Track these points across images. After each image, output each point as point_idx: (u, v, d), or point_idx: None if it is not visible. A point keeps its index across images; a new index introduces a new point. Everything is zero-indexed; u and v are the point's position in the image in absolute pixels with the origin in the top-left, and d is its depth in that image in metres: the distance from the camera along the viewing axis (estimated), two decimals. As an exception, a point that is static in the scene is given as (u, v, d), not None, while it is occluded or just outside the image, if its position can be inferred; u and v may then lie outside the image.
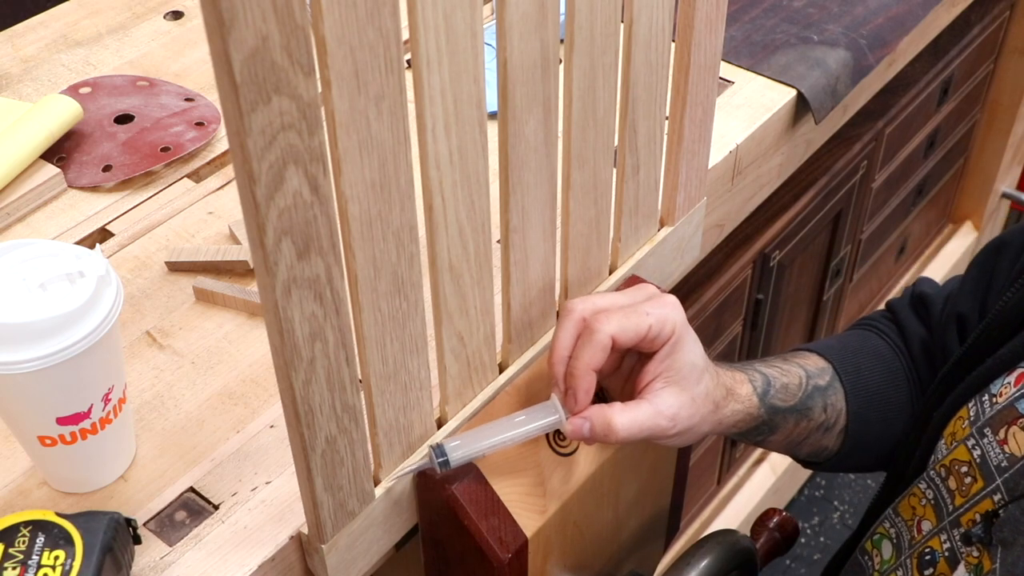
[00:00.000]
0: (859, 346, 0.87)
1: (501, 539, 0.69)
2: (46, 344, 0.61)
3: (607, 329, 0.66)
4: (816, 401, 0.81)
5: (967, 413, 0.75)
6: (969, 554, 0.71)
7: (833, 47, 1.10)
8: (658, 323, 0.67)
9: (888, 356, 0.87)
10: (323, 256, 0.53)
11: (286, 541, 0.67)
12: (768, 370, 0.79)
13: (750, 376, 0.78)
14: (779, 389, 0.78)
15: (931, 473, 0.76)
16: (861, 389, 0.83)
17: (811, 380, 0.81)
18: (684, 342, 0.68)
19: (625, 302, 0.68)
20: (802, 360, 0.83)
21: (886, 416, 0.85)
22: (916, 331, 0.87)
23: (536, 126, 0.65)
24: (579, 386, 0.66)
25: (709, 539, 0.85)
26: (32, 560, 0.60)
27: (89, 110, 0.97)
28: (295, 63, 0.46)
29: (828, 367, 0.83)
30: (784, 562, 1.76)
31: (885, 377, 0.85)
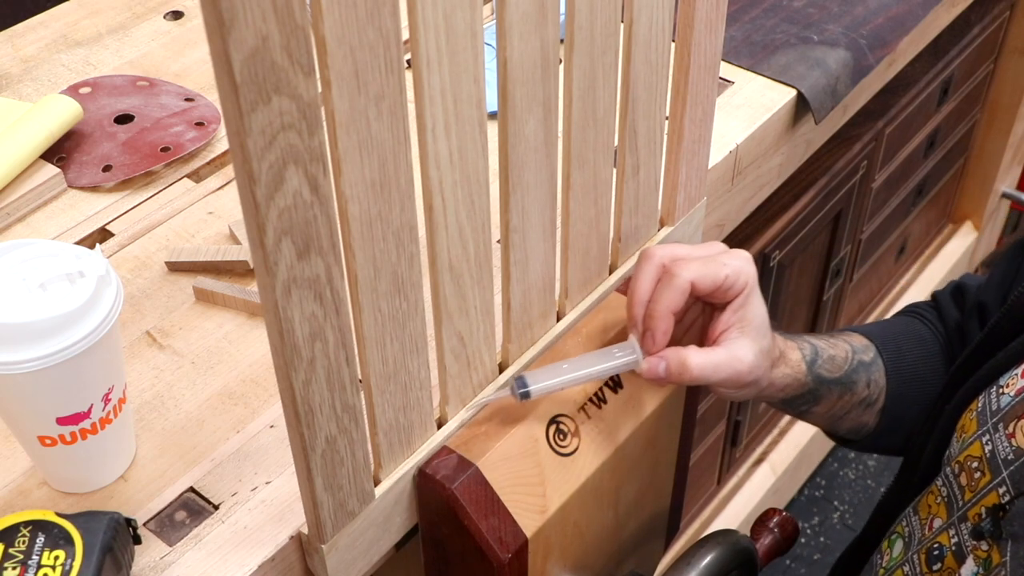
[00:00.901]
0: (902, 330, 0.89)
1: (501, 539, 0.69)
2: (46, 344, 0.61)
3: (686, 275, 0.68)
4: (860, 376, 0.83)
5: (976, 406, 0.75)
6: (978, 548, 0.70)
7: (833, 47, 1.10)
8: (734, 273, 0.70)
9: (928, 340, 0.89)
10: (323, 256, 0.53)
11: (286, 541, 0.67)
12: (816, 341, 0.82)
13: (799, 344, 0.80)
14: (826, 360, 0.81)
15: (947, 470, 0.76)
16: (901, 369, 0.86)
17: (856, 355, 0.84)
18: (755, 295, 0.71)
19: (702, 252, 0.71)
20: (847, 337, 0.85)
21: (922, 397, 0.86)
22: (953, 316, 0.89)
23: (536, 126, 0.65)
24: (658, 327, 0.69)
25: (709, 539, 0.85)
26: (32, 560, 0.60)
27: (89, 110, 0.97)
28: (295, 63, 0.46)
29: (872, 346, 0.86)
30: (784, 562, 1.76)
31: (924, 360, 0.87)
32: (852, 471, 1.90)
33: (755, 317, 0.71)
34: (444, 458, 0.70)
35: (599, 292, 0.81)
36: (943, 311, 0.91)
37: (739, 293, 0.70)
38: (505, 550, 0.69)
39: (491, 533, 0.69)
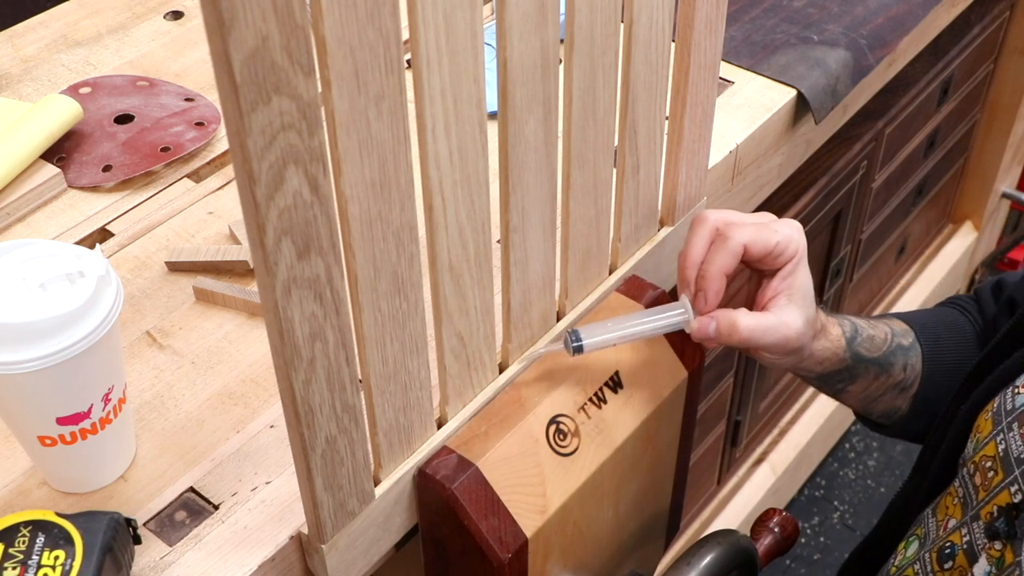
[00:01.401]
0: (941, 319, 0.90)
1: (501, 539, 0.69)
2: (46, 344, 0.61)
3: (739, 238, 0.70)
4: (898, 358, 0.84)
5: (992, 407, 0.75)
6: (991, 547, 0.70)
7: (833, 47, 1.10)
8: (785, 240, 0.71)
9: (967, 331, 0.89)
10: (323, 256, 0.53)
11: (286, 541, 0.67)
12: (856, 320, 0.83)
13: (840, 321, 0.81)
14: (865, 339, 0.81)
15: (963, 471, 0.76)
16: (938, 357, 0.86)
17: (896, 338, 0.84)
18: (803, 264, 0.72)
19: (754, 219, 0.72)
20: (888, 321, 0.86)
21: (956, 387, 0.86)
22: (991, 310, 0.90)
23: (536, 126, 0.65)
24: (710, 287, 0.70)
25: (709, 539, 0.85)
26: (32, 560, 0.60)
27: (89, 110, 0.97)
28: (295, 63, 0.46)
29: (911, 331, 0.86)
30: (784, 562, 1.76)
31: (961, 349, 0.88)
32: (852, 471, 1.90)
33: (802, 285, 0.72)
34: (444, 458, 0.70)
35: (599, 292, 0.81)
36: (983, 304, 0.91)
37: (789, 260, 0.71)
38: (505, 550, 0.69)
39: (491, 533, 0.69)
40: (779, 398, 1.57)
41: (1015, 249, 2.07)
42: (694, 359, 0.83)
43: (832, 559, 1.77)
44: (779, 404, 1.59)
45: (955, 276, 1.94)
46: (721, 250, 0.70)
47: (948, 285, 1.93)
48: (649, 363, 0.80)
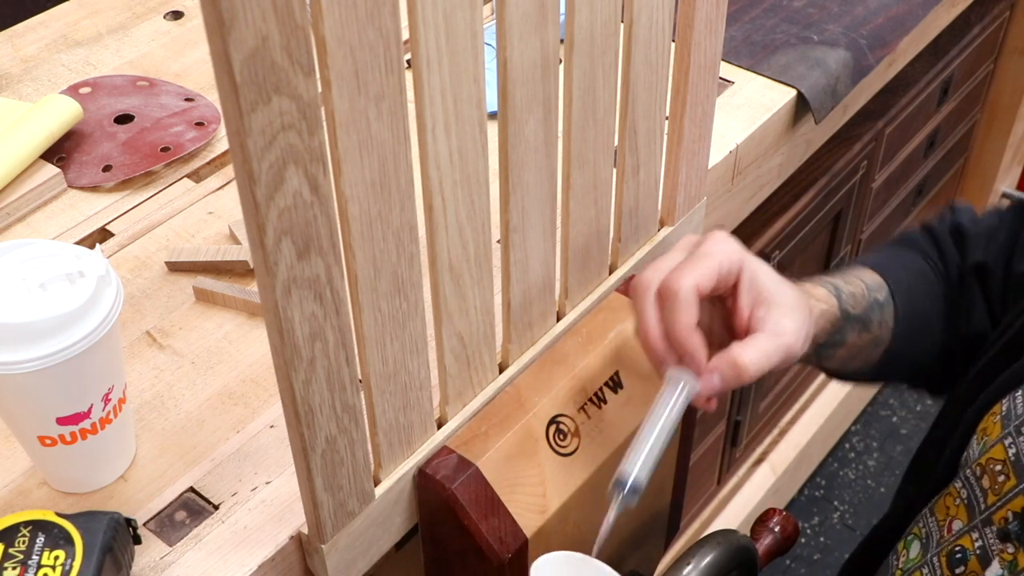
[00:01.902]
0: (911, 268, 0.87)
1: (501, 539, 0.69)
2: (46, 344, 0.61)
3: (687, 284, 0.64)
4: (875, 314, 0.82)
5: (1000, 409, 0.74)
6: (1004, 551, 0.70)
7: (833, 47, 1.10)
8: (725, 257, 0.66)
9: (933, 282, 0.87)
10: (323, 256, 0.53)
11: (286, 541, 0.67)
12: (833, 279, 0.80)
13: (819, 282, 0.78)
14: (848, 295, 0.79)
15: (966, 472, 0.75)
16: (909, 310, 0.84)
17: (871, 293, 0.82)
18: (755, 264, 0.68)
19: (681, 256, 0.68)
20: (859, 274, 0.83)
21: (924, 338, 0.86)
22: (954, 260, 0.88)
23: (536, 126, 0.65)
24: (689, 348, 0.65)
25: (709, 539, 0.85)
26: (32, 560, 0.60)
27: (89, 110, 0.97)
28: (295, 63, 0.46)
29: (884, 285, 0.84)
30: (784, 562, 1.76)
31: (931, 301, 0.86)
32: (852, 471, 1.90)
33: (769, 284, 0.68)
34: (444, 458, 0.70)
35: (599, 292, 0.81)
36: (944, 252, 0.88)
37: (740, 271, 0.67)
38: (505, 550, 0.69)
39: (491, 533, 0.69)
40: (779, 398, 1.58)
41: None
42: (694, 359, 0.83)
43: (832, 559, 1.77)
44: (779, 404, 1.59)
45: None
46: (677, 307, 0.65)
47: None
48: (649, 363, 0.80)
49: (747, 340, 0.66)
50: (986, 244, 0.87)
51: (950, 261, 0.88)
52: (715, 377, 0.65)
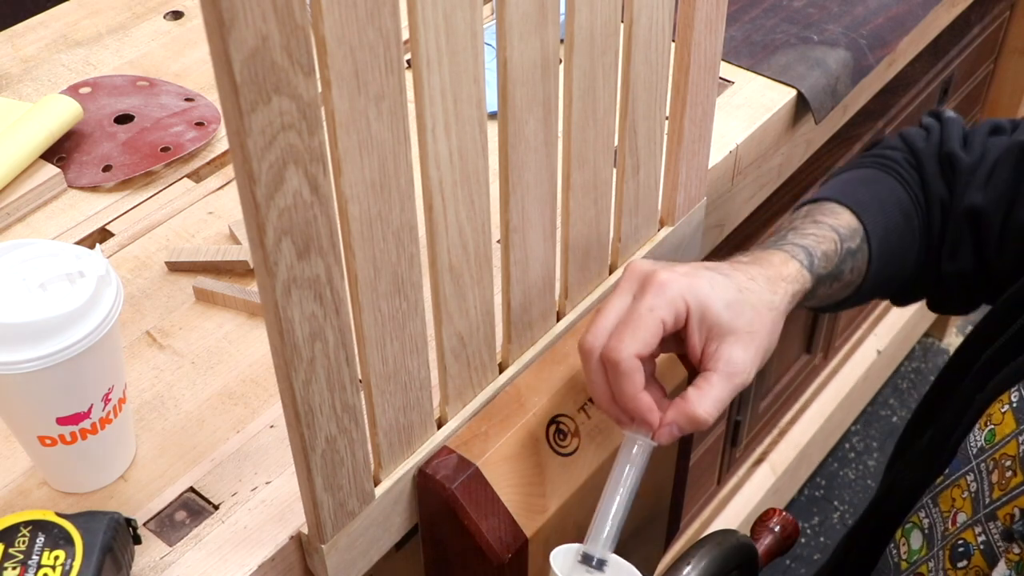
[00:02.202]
0: (887, 198, 0.84)
1: (501, 539, 0.69)
2: (46, 344, 0.61)
3: (627, 354, 0.64)
4: (847, 264, 0.80)
5: (1008, 399, 0.73)
6: (1009, 550, 0.69)
7: (833, 47, 1.10)
8: (669, 312, 0.65)
9: (910, 212, 0.84)
10: (323, 256, 0.53)
11: (286, 541, 0.67)
12: (805, 241, 0.77)
13: (791, 253, 0.76)
14: (820, 258, 0.77)
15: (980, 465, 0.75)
16: (885, 251, 0.82)
17: (844, 244, 0.80)
18: (703, 296, 0.66)
19: (623, 308, 0.66)
20: (834, 220, 0.80)
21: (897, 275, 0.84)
22: (939, 192, 0.84)
23: (536, 126, 0.65)
24: (640, 411, 0.65)
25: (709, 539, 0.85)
26: (32, 560, 0.60)
27: (89, 110, 0.97)
28: (295, 63, 0.46)
29: (859, 229, 0.81)
30: (784, 562, 1.76)
31: (907, 237, 0.84)
32: (852, 471, 1.91)
33: (721, 315, 0.66)
34: (444, 458, 0.70)
35: (599, 292, 0.81)
36: (928, 183, 0.84)
37: (687, 317, 0.66)
38: (505, 550, 0.69)
39: (491, 533, 0.69)
40: (779, 398, 1.58)
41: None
42: (694, 359, 0.83)
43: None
44: (779, 404, 1.59)
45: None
46: (620, 379, 0.64)
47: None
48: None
49: (700, 386, 0.66)
50: (985, 183, 0.82)
51: (934, 194, 0.84)
52: (671, 428, 0.66)
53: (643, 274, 0.67)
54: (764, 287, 0.71)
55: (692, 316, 0.66)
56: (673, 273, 0.67)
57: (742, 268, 0.71)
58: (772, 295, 0.71)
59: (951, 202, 0.84)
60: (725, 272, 0.69)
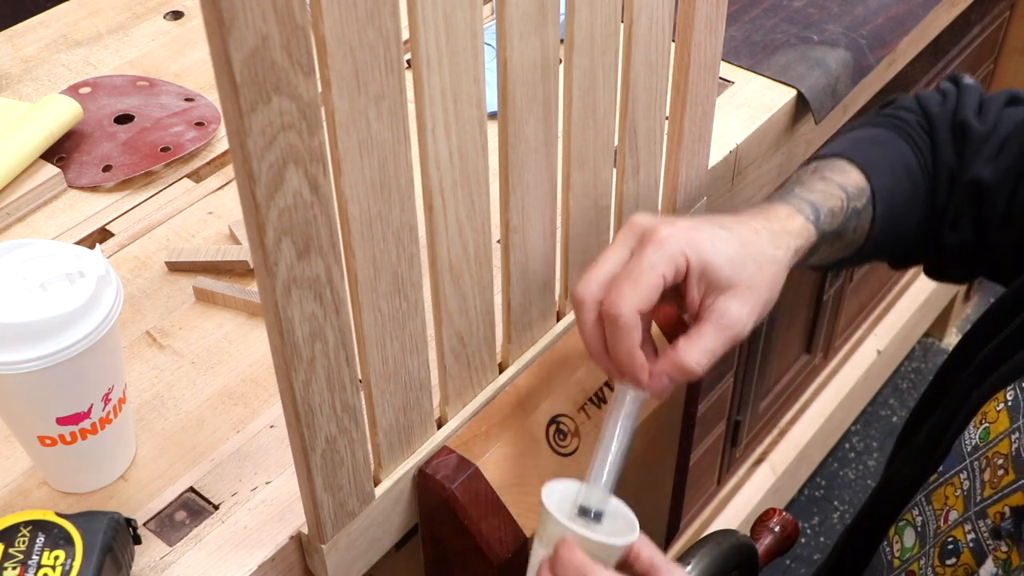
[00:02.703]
0: (896, 160, 0.82)
1: (501, 539, 0.69)
2: (46, 344, 0.61)
3: (627, 309, 0.63)
4: (851, 223, 0.79)
5: (1004, 397, 0.73)
6: (998, 548, 0.69)
7: (833, 47, 1.10)
8: (669, 268, 0.64)
9: (917, 177, 0.83)
10: (323, 256, 0.53)
11: (286, 541, 0.67)
12: (812, 196, 0.76)
13: (797, 207, 0.75)
14: (826, 214, 0.76)
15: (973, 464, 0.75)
16: (889, 214, 0.81)
17: (850, 202, 0.78)
18: (704, 250, 0.65)
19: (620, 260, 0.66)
20: (842, 178, 0.79)
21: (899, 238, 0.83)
22: (948, 160, 0.83)
23: (536, 126, 0.65)
24: (633, 367, 0.64)
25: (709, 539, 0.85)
26: (32, 560, 0.60)
27: (89, 110, 0.97)
28: (295, 63, 0.46)
29: (867, 189, 0.80)
30: (784, 562, 1.76)
31: (912, 202, 0.82)
32: (852, 471, 1.91)
33: (722, 268, 0.65)
34: (444, 458, 0.70)
35: (599, 292, 0.81)
36: (938, 149, 0.83)
37: (687, 271, 0.65)
38: (505, 550, 0.69)
39: (491, 533, 0.69)
40: (779, 398, 1.58)
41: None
42: (694, 359, 0.83)
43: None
44: (779, 404, 1.59)
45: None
46: (618, 334, 0.63)
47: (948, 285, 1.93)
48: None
49: (692, 335, 0.66)
50: (995, 156, 0.81)
51: (943, 162, 0.83)
52: (663, 380, 0.65)
53: (643, 228, 0.67)
54: (768, 241, 0.70)
55: (692, 271, 0.65)
56: (674, 228, 0.66)
57: (746, 222, 0.70)
58: (775, 249, 0.70)
59: (959, 171, 0.83)
60: (728, 226, 0.68)
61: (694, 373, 0.65)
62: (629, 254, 0.66)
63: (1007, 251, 0.81)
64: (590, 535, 0.61)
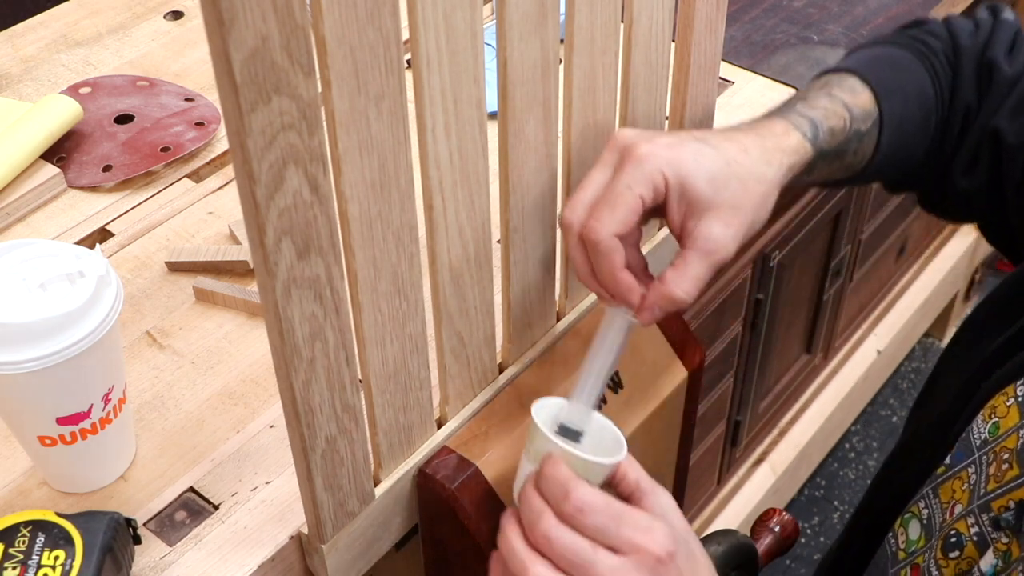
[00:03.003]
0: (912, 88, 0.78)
1: (501, 539, 0.69)
2: (46, 344, 0.61)
3: (605, 235, 0.63)
4: (852, 145, 0.76)
5: (1014, 391, 0.72)
6: (998, 540, 0.69)
7: (833, 47, 1.10)
8: (647, 188, 0.63)
9: (931, 109, 0.79)
10: (323, 256, 0.53)
11: (286, 541, 0.67)
12: (813, 112, 0.73)
13: (794, 123, 0.72)
14: (826, 133, 0.73)
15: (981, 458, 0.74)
16: (895, 142, 0.78)
17: (854, 124, 0.75)
18: (683, 175, 0.64)
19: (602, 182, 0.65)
20: (851, 98, 0.76)
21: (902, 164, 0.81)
22: (968, 99, 0.79)
23: (536, 126, 0.65)
24: (620, 291, 0.64)
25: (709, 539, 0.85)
26: (32, 560, 0.60)
27: (89, 110, 0.97)
28: (295, 63, 0.46)
29: (875, 113, 0.76)
30: (784, 562, 1.76)
31: (921, 133, 0.79)
32: (852, 471, 1.90)
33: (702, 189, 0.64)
34: (444, 458, 0.70)
35: (599, 292, 0.81)
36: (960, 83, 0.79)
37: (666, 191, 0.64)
38: (505, 550, 0.69)
39: (491, 533, 0.69)
40: (779, 398, 1.58)
41: (1015, 249, 2.06)
42: (694, 359, 0.83)
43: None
44: (779, 404, 1.59)
45: (955, 276, 1.94)
46: (600, 258, 0.63)
47: (948, 285, 1.93)
48: (649, 363, 0.80)
49: (677, 265, 0.65)
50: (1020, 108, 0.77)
51: (961, 98, 0.79)
52: (654, 311, 0.65)
53: (624, 146, 0.65)
54: (758, 159, 0.67)
55: (671, 191, 0.64)
56: (654, 145, 0.64)
57: (736, 139, 0.68)
58: (766, 167, 0.68)
59: (978, 113, 0.80)
60: (714, 143, 0.66)
61: (683, 303, 0.64)
62: (612, 173, 0.65)
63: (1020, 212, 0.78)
64: (576, 452, 0.61)
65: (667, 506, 0.63)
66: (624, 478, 0.63)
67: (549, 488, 0.60)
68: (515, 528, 0.61)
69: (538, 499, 0.60)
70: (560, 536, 0.58)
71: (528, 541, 0.60)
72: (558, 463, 0.60)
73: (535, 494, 0.61)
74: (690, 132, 0.67)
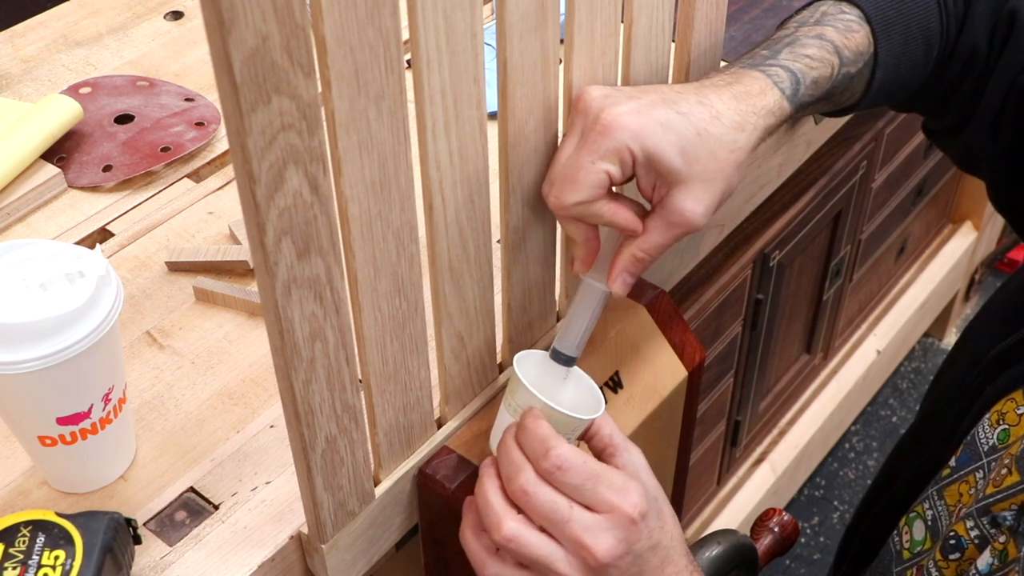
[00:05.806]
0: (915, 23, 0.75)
1: (501, 539, 0.69)
2: (46, 344, 0.61)
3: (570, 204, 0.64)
4: (840, 87, 0.73)
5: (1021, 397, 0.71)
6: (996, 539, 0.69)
7: (833, 47, 1.10)
8: (613, 163, 0.63)
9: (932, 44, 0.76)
10: (323, 256, 0.53)
11: (286, 541, 0.67)
12: (796, 64, 0.70)
13: (775, 79, 0.69)
14: (808, 85, 0.70)
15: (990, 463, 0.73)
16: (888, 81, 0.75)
17: (843, 68, 0.72)
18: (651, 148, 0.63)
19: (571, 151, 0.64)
20: (844, 39, 0.72)
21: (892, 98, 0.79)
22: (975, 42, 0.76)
23: (536, 126, 0.65)
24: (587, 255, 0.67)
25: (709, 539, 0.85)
26: (32, 560, 0.60)
27: (89, 110, 0.97)
28: (295, 63, 0.46)
29: (868, 54, 0.73)
30: (784, 562, 1.76)
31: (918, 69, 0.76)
32: (852, 471, 1.90)
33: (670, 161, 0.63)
34: (444, 458, 0.70)
35: (599, 292, 0.81)
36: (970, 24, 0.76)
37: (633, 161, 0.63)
38: (505, 550, 0.69)
39: (491, 533, 0.69)
40: (779, 398, 1.58)
41: (1015, 249, 2.07)
42: (694, 358, 0.83)
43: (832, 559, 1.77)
44: (779, 404, 1.59)
45: (955, 276, 1.94)
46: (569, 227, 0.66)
47: (948, 285, 1.93)
48: (649, 363, 0.80)
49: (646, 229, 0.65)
50: None
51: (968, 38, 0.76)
52: (625, 277, 0.66)
53: (589, 113, 0.64)
54: (730, 126, 0.66)
55: (639, 165, 0.63)
56: (620, 112, 0.63)
57: (709, 101, 0.66)
58: (739, 133, 0.66)
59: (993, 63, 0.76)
60: (685, 109, 0.64)
61: (648, 264, 0.66)
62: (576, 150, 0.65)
63: None
64: (557, 407, 0.62)
65: (638, 464, 0.64)
66: (598, 432, 0.65)
67: (529, 443, 0.61)
68: (494, 481, 0.63)
69: (518, 453, 0.62)
70: (538, 492, 0.60)
71: (504, 494, 0.62)
72: (539, 418, 0.62)
73: (515, 447, 0.62)
74: (660, 91, 0.65)
